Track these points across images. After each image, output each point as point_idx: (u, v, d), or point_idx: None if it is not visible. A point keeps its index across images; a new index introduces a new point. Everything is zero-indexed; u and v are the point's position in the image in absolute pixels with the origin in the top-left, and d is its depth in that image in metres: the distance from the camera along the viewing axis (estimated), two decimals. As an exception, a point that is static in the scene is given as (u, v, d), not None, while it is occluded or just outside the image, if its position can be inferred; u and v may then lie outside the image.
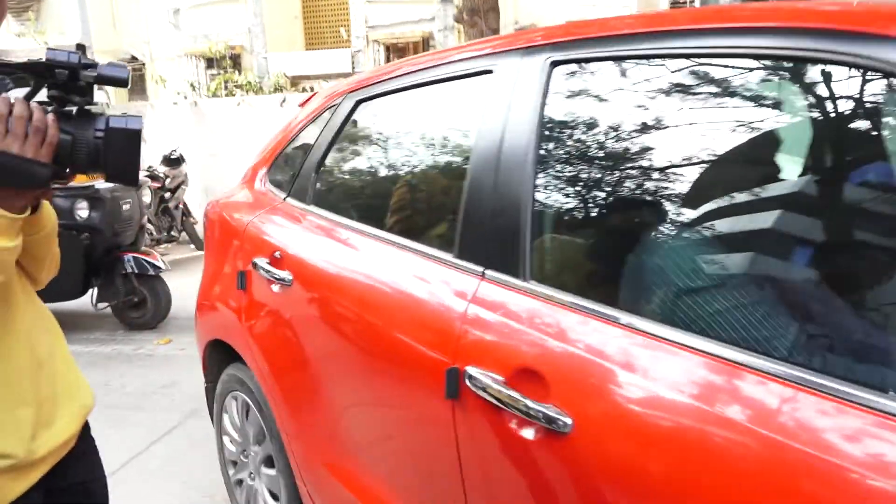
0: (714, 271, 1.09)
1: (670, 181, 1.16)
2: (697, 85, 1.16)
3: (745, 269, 1.05)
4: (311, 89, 11.77)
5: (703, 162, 1.14)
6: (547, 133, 1.34)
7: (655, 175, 1.18)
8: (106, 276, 5.25)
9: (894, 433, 0.80)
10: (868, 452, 0.81)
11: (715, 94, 1.14)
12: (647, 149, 1.20)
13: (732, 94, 1.12)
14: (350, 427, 1.71)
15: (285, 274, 1.90)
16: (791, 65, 1.05)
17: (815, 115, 1.04)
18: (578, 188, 1.30)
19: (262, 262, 2.01)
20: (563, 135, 1.34)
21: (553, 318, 1.21)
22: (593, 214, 1.29)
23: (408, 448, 1.53)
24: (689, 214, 1.15)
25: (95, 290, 5.31)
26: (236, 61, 15.13)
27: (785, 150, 1.08)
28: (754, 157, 1.10)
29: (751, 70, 1.10)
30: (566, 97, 1.36)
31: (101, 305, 5.34)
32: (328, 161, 2.07)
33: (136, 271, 5.19)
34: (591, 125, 1.30)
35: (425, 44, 14.37)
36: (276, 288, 1.95)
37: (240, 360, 2.27)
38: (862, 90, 0.95)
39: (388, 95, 1.89)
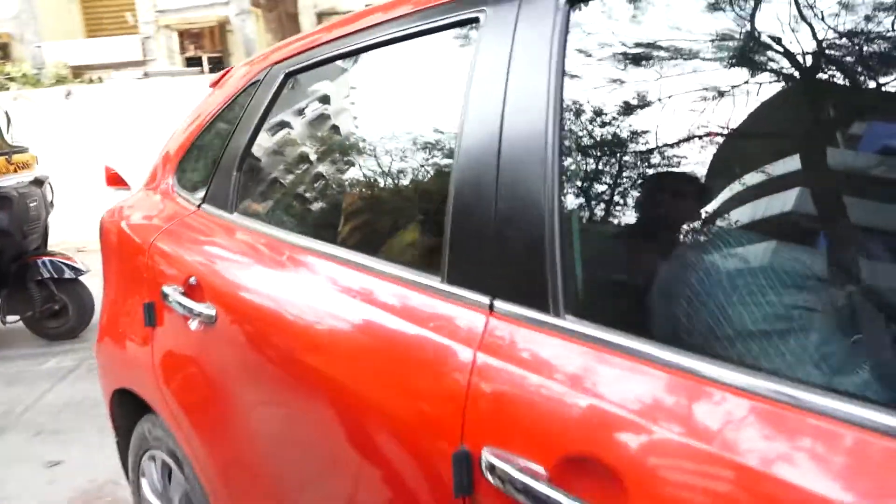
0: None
1: (780, 157, 0.78)
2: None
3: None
4: (100, 80, 10.95)
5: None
6: (572, 102, 0.94)
7: (756, 148, 0.80)
8: (14, 285, 4.57)
9: None
10: None
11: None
12: (738, 108, 0.81)
13: None
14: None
15: (206, 308, 1.43)
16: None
17: None
18: (631, 176, 0.90)
19: (173, 291, 1.54)
20: (597, 102, 0.94)
21: (610, 371, 0.81)
22: (660, 215, 0.89)
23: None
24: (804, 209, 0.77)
25: (1, 301, 4.63)
26: (5, 51, 13.95)
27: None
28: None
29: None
30: (598, 46, 0.95)
31: (10, 319, 4.65)
32: (254, 155, 1.60)
33: (54, 276, 4.54)
34: (643, 83, 0.90)
35: (221, 29, 13.74)
36: (195, 325, 1.48)
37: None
38: None
39: (330, 63, 1.44)
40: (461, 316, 0.98)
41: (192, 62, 14.80)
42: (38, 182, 4.90)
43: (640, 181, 0.89)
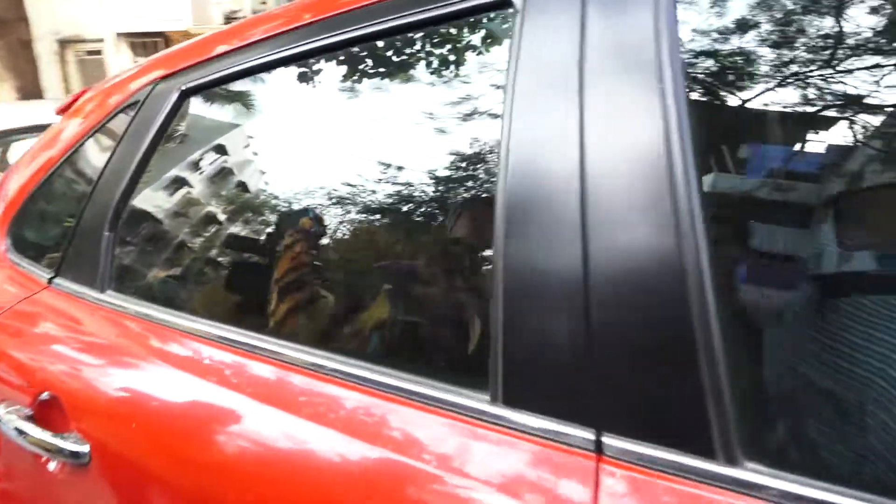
0: None
1: None
2: None
3: None
4: None
5: None
6: (708, 115, 0.61)
7: None
8: None
9: None
10: None
11: None
12: None
13: None
14: None
15: (72, 442, 0.94)
16: None
17: None
18: (826, 244, 0.58)
19: (14, 415, 1.02)
20: (752, 113, 0.62)
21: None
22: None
23: None
24: None
25: None
26: None
27: None
28: None
29: None
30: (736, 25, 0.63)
31: None
32: (138, 207, 1.13)
33: None
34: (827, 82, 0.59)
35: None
36: (54, 467, 0.98)
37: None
38: None
39: (260, 74, 1.02)
40: (545, 462, 0.61)
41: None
42: None
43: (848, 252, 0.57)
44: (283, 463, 0.75)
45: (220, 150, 1.15)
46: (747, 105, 0.62)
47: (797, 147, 0.64)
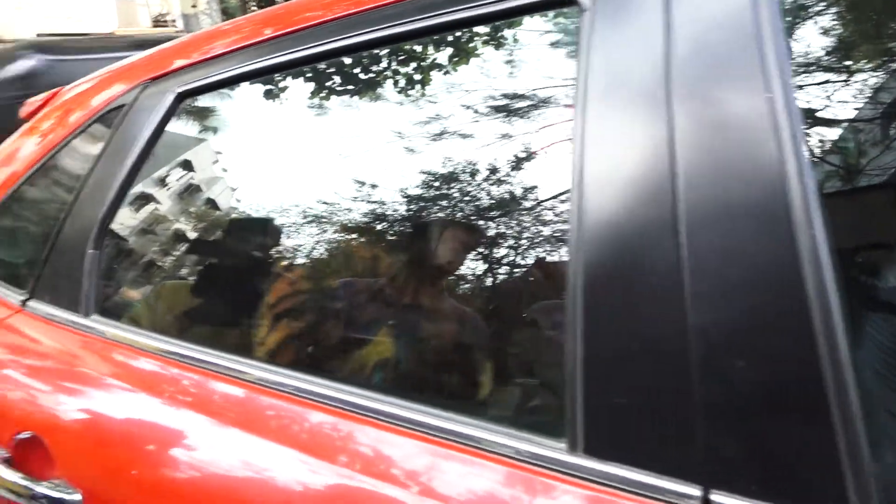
0: None
1: None
2: None
3: None
4: None
5: None
6: (822, 123, 0.55)
7: None
8: None
9: None
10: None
11: None
12: None
13: None
14: None
15: (59, 491, 0.83)
16: None
17: None
18: None
19: (-12, 458, 0.90)
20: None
21: None
22: None
23: None
24: None
25: None
26: None
27: None
28: None
29: None
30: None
31: None
32: (127, 218, 1.02)
33: None
34: None
35: None
36: (35, 519, 0.86)
37: None
38: None
39: (271, 75, 0.93)
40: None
41: None
42: None
43: None
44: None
45: (219, 158, 1.05)
46: (860, 109, 0.56)
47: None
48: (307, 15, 0.91)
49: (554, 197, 0.69)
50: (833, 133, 0.58)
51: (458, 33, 0.80)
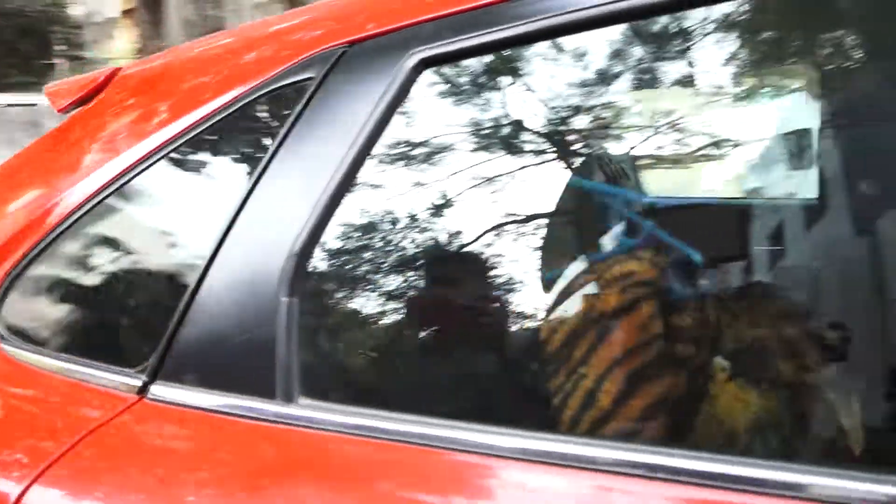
0: None
1: None
2: None
3: None
4: None
5: None
6: None
7: None
8: None
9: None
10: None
11: None
12: None
13: None
14: None
15: None
16: None
17: None
18: None
19: None
20: None
21: None
22: None
23: None
24: None
25: None
26: None
27: None
28: None
29: None
30: None
31: None
32: (331, 252, 0.68)
33: None
34: None
35: None
36: None
37: None
38: None
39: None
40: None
41: None
42: None
43: None
44: None
45: (495, 157, 0.72)
46: None
47: None
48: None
49: None
50: None
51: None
